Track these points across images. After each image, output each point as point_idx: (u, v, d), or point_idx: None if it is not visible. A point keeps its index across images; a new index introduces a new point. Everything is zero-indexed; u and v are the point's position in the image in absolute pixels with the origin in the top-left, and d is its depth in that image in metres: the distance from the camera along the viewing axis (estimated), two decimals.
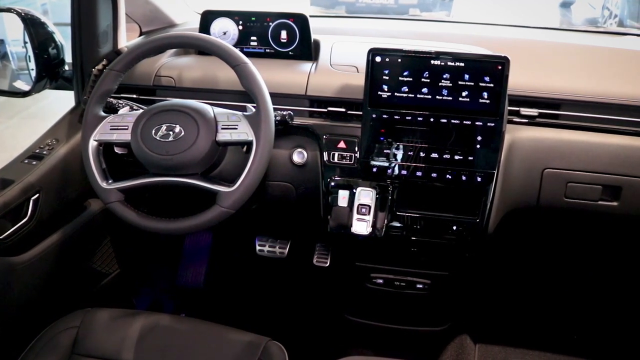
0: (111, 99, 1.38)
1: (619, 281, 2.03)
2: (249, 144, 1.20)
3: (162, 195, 1.64)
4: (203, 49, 1.29)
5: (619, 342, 2.01)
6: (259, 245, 1.98)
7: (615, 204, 1.40)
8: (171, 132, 1.22)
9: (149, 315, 1.34)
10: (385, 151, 1.34)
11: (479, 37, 1.68)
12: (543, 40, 1.74)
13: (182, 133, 1.21)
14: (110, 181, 1.26)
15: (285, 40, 1.60)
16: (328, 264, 1.81)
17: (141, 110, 1.29)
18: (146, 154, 1.22)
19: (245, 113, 1.25)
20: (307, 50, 1.59)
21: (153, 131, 1.22)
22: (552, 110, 1.41)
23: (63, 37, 1.60)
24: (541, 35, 1.85)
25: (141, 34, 1.86)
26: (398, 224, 1.41)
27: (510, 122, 1.39)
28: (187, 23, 1.90)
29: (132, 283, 2.05)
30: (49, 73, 1.58)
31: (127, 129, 1.26)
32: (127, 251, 1.93)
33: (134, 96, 1.52)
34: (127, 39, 1.69)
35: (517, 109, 1.40)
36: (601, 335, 2.04)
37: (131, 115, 1.28)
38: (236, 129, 1.22)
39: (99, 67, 1.56)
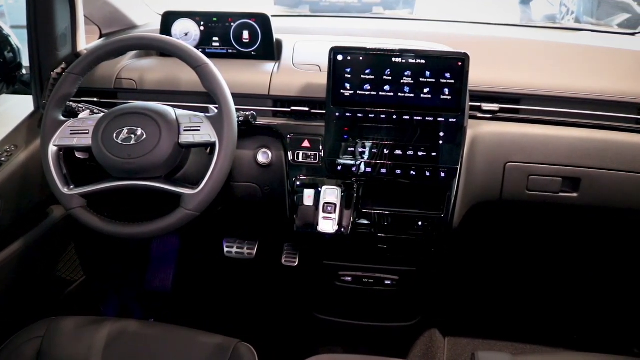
0: (71, 103, 1.36)
1: (583, 270, 2.08)
2: (212, 145, 1.20)
3: (127, 200, 1.62)
4: (163, 51, 1.28)
5: (586, 329, 2.06)
6: (227, 246, 1.97)
7: (574, 195, 1.43)
8: (133, 136, 1.20)
9: (116, 322, 1.32)
10: (349, 149, 1.34)
11: (441, 34, 1.71)
12: (503, 36, 1.77)
13: (144, 136, 1.20)
14: (71, 186, 1.24)
15: (247, 41, 1.59)
16: (297, 264, 1.81)
17: (102, 114, 1.28)
18: (108, 158, 1.20)
19: (207, 114, 1.24)
20: (270, 50, 1.58)
21: (114, 135, 1.21)
22: (513, 105, 1.43)
23: (21, 41, 1.57)
24: (502, 32, 1.88)
25: (101, 36, 1.83)
26: (364, 221, 1.42)
27: (473, 117, 1.42)
28: (149, 25, 1.87)
29: (98, 289, 2.01)
30: (6, 77, 1.55)
31: (87, 133, 1.24)
32: (92, 257, 1.90)
33: (95, 99, 1.50)
34: (87, 42, 1.66)
35: (479, 104, 1.42)
36: (570, 323, 2.08)
37: (92, 119, 1.27)
38: (199, 130, 1.21)
39: (58, 70, 1.53)
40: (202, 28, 1.60)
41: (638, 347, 1.92)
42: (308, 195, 1.40)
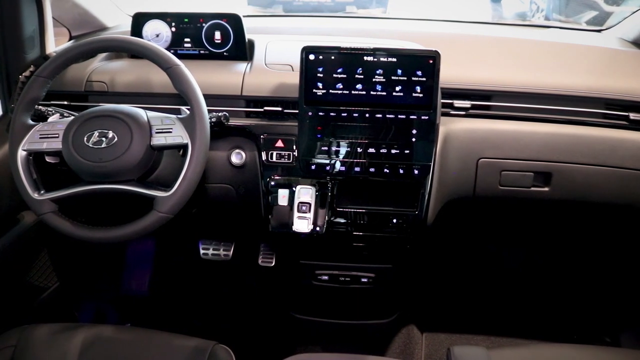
0: (40, 107, 1.34)
1: (556, 263, 2.11)
2: (184, 147, 1.19)
3: (100, 204, 1.60)
4: (134, 53, 1.27)
5: (560, 321, 2.09)
6: (203, 248, 1.96)
7: (546, 189, 1.46)
8: (104, 139, 1.19)
9: (91, 328, 1.30)
10: (323, 148, 1.35)
11: (414, 32, 1.72)
12: (474, 34, 1.79)
13: (116, 139, 1.19)
14: (42, 192, 1.22)
15: (219, 41, 1.59)
16: (273, 264, 1.80)
17: (72, 117, 1.26)
18: (79, 162, 1.19)
19: (179, 116, 1.23)
20: (242, 50, 1.58)
21: (85, 138, 1.20)
22: (484, 101, 1.45)
23: None
24: (473, 30, 1.90)
25: (71, 38, 1.81)
26: (339, 220, 1.43)
27: (445, 114, 1.43)
28: (119, 26, 1.85)
29: (73, 295, 1.98)
30: None
31: (57, 137, 1.23)
32: (66, 263, 1.87)
33: (65, 103, 1.48)
34: (56, 44, 1.64)
35: (451, 101, 1.43)
36: (544, 315, 2.11)
37: (61, 123, 1.25)
38: (171, 132, 1.20)
39: (26, 73, 1.51)
40: (173, 29, 1.59)
41: (609, 336, 1.96)
42: (282, 195, 1.40)
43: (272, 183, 1.42)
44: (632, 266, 1.93)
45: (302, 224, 1.36)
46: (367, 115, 1.32)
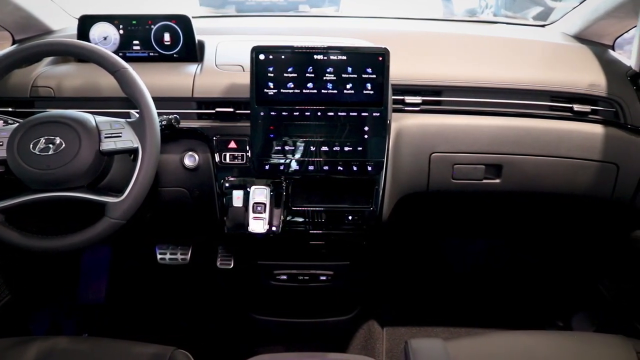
0: None
1: (509, 252, 2.16)
2: (134, 151, 1.17)
3: (50, 212, 1.56)
4: (79, 56, 1.24)
5: (514, 308, 2.14)
6: (160, 253, 1.93)
7: (497, 181, 1.49)
8: (51, 145, 1.16)
9: (45, 340, 1.26)
10: (276, 148, 1.35)
11: (365, 30, 1.73)
12: (425, 30, 1.81)
13: (63, 145, 1.16)
14: None
15: (169, 43, 1.56)
16: (232, 266, 1.79)
17: (17, 124, 1.22)
18: (25, 170, 1.15)
19: (128, 120, 1.21)
20: (192, 51, 1.56)
21: (31, 145, 1.16)
22: (435, 97, 1.47)
23: None
24: (423, 26, 1.92)
25: (14, 42, 1.75)
26: (295, 219, 1.43)
27: (397, 110, 1.45)
28: (66, 29, 1.80)
29: (26, 308, 1.93)
30: None
31: (1, 145, 1.19)
32: (18, 274, 1.82)
33: (10, 109, 1.43)
34: None
35: (402, 97, 1.45)
36: (498, 305, 2.16)
37: (6, 130, 1.21)
38: (120, 136, 1.18)
39: None
40: (121, 31, 1.56)
41: (562, 321, 2.02)
42: (237, 196, 1.40)
43: (227, 184, 1.41)
44: (581, 252, 2.00)
45: (257, 225, 1.36)
46: (319, 113, 1.33)
